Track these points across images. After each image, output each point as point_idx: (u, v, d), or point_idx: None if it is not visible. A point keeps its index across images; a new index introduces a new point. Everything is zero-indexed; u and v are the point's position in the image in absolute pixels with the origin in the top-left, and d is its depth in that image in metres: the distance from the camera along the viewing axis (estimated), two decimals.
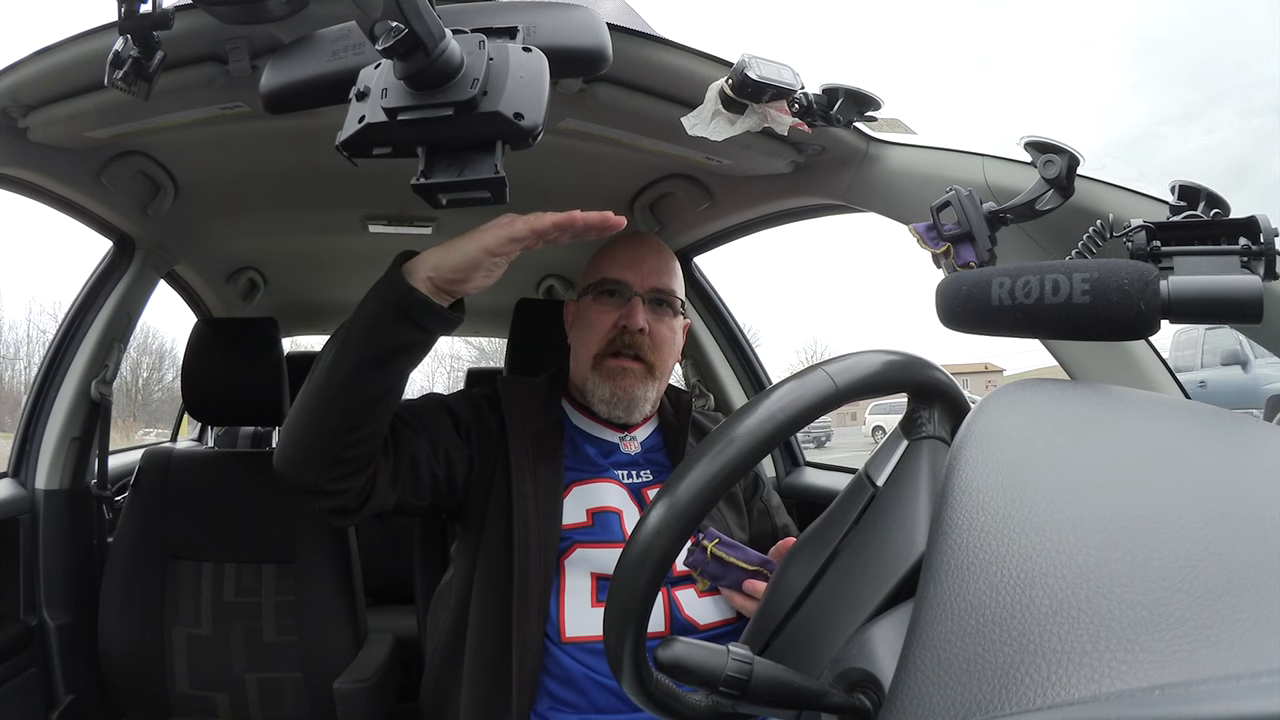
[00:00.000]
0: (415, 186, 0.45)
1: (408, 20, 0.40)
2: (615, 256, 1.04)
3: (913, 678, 0.32)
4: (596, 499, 0.97)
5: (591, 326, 1.02)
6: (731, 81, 0.71)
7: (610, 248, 1.06)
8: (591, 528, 0.95)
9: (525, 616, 0.89)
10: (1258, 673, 0.18)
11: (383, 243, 1.74)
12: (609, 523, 0.96)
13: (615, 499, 0.98)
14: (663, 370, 1.03)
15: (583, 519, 0.95)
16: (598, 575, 0.93)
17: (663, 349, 1.02)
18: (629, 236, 1.06)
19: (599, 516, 0.96)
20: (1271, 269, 0.47)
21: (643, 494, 1.00)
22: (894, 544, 0.48)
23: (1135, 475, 0.33)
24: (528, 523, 0.92)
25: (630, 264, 1.02)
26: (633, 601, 0.44)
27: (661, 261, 1.04)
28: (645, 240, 1.08)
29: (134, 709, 1.35)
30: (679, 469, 0.44)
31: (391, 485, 0.87)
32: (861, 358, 0.49)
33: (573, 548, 0.93)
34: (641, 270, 1.02)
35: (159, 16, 0.57)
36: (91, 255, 1.50)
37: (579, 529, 0.95)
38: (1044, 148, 0.66)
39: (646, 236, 1.11)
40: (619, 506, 0.97)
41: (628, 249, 1.04)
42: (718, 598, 0.95)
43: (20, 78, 0.91)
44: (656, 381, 1.02)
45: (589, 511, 0.96)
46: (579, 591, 0.92)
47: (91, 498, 1.46)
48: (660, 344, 1.01)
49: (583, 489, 0.98)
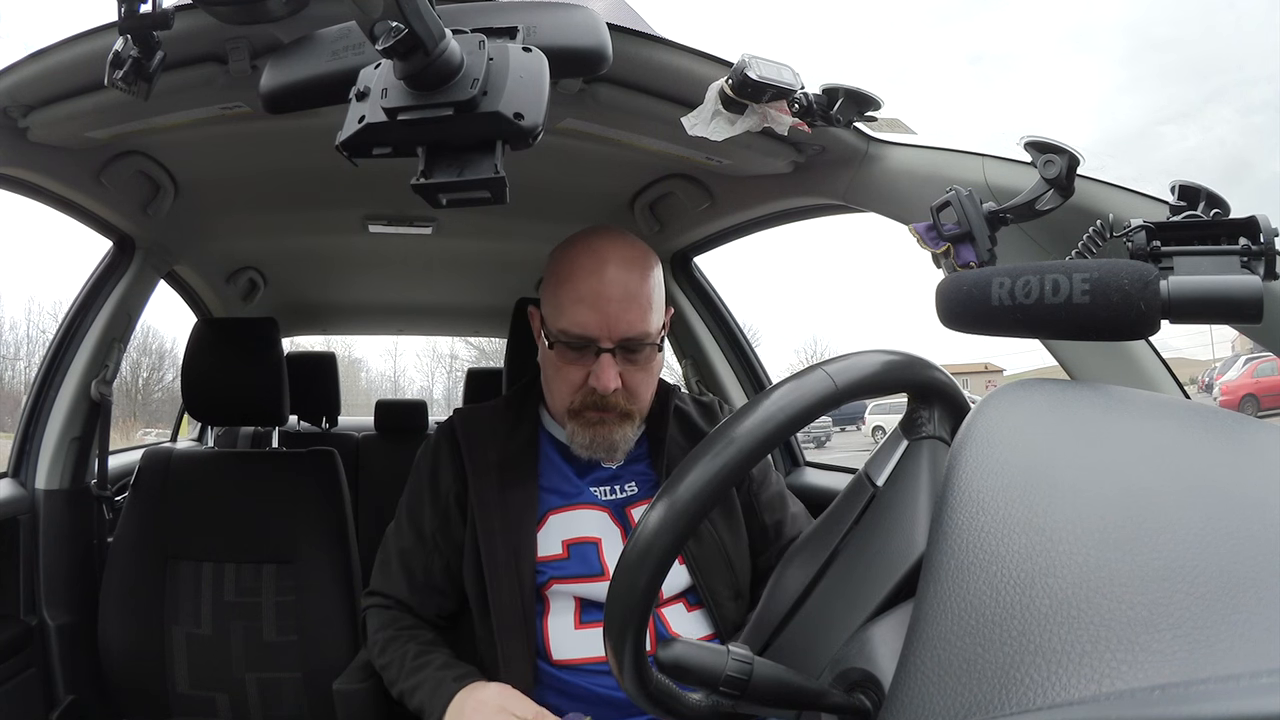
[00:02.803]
0: (415, 186, 0.45)
1: (408, 20, 0.40)
2: (578, 291, 0.89)
3: (913, 678, 0.32)
4: (573, 529, 0.94)
5: (560, 379, 0.92)
6: (731, 81, 0.71)
7: (570, 271, 0.91)
8: (568, 561, 0.92)
9: (507, 639, 0.90)
10: (1258, 673, 0.18)
11: (383, 243, 1.75)
12: (586, 554, 0.93)
13: (593, 527, 0.94)
14: (644, 407, 0.95)
15: (558, 551, 0.93)
16: (581, 599, 0.92)
17: (640, 393, 0.93)
18: (591, 253, 0.91)
19: (575, 549, 0.93)
20: (1271, 269, 0.47)
21: (625, 512, 0.96)
22: (894, 544, 0.48)
23: (1135, 475, 0.33)
24: (495, 559, 0.92)
25: (594, 304, 0.88)
26: (633, 602, 0.44)
27: (630, 295, 0.89)
28: (607, 261, 0.89)
29: (134, 709, 1.35)
30: (679, 469, 0.44)
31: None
32: (861, 358, 0.49)
33: (550, 582, 0.92)
34: (607, 314, 0.88)
35: (159, 16, 0.57)
36: (91, 255, 1.51)
37: (554, 562, 0.92)
38: (1044, 148, 0.66)
39: (609, 254, 0.90)
40: (597, 535, 0.93)
41: (590, 281, 0.89)
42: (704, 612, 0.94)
43: (20, 78, 0.91)
44: (638, 418, 0.95)
45: (565, 544, 0.93)
46: (562, 613, 0.92)
47: (91, 498, 1.46)
48: (636, 391, 0.92)
49: (559, 518, 0.94)
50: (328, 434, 2.65)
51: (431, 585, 0.99)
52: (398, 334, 5.03)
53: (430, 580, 0.99)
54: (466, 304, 2.52)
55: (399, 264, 2.03)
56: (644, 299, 0.90)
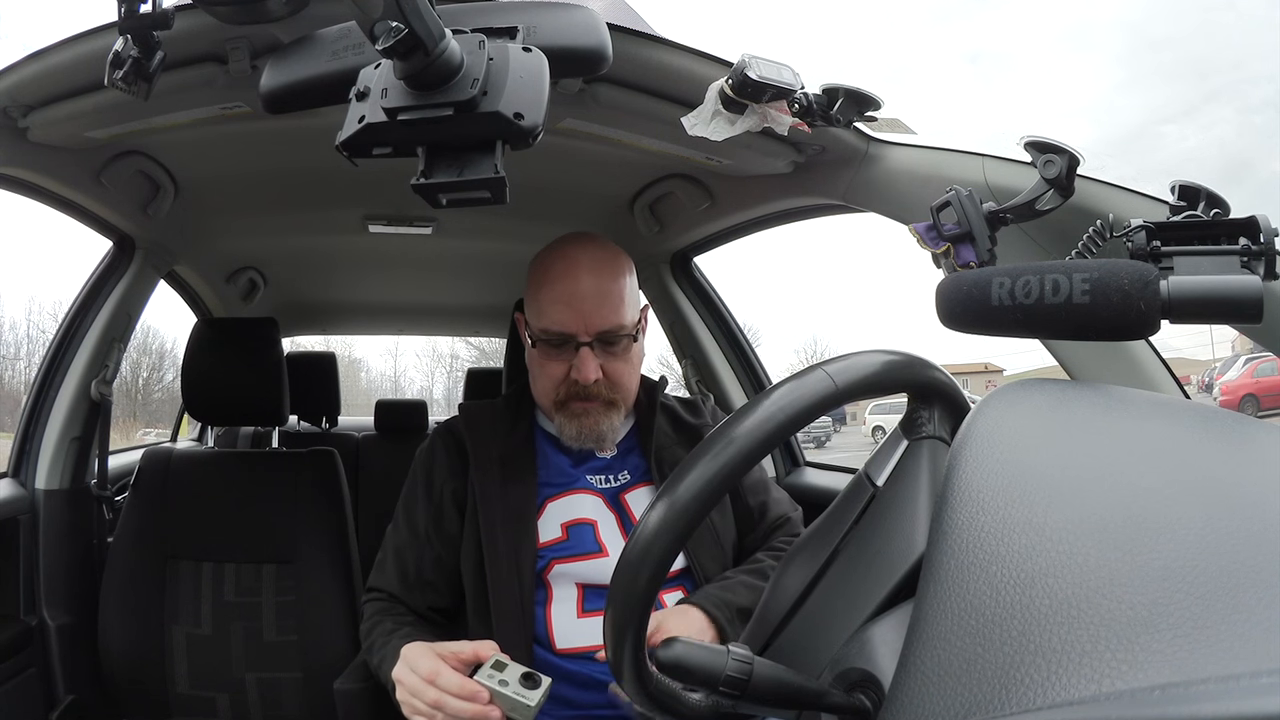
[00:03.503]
0: (415, 186, 0.45)
1: (408, 20, 0.40)
2: (554, 292, 0.95)
3: (913, 678, 0.32)
4: (570, 512, 0.97)
5: (544, 375, 0.98)
6: (731, 81, 0.71)
7: (546, 276, 0.97)
8: (567, 542, 0.96)
9: (504, 627, 0.92)
10: (1258, 673, 0.18)
11: (383, 243, 1.75)
12: (583, 534, 0.96)
13: (589, 510, 0.98)
14: (628, 396, 1.00)
15: (558, 534, 0.96)
16: (583, 585, 0.94)
17: (622, 382, 0.98)
18: (564, 257, 0.97)
19: (573, 530, 0.96)
20: (1271, 269, 0.47)
21: (620, 499, 0.99)
22: (894, 544, 0.48)
23: (1135, 475, 0.33)
24: (496, 549, 0.94)
25: (569, 303, 0.94)
26: (632, 602, 0.44)
27: (602, 293, 0.94)
28: (579, 264, 0.95)
29: (134, 709, 1.35)
30: (679, 469, 0.44)
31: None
32: (861, 358, 0.49)
33: (551, 564, 0.95)
34: (582, 311, 0.93)
35: (159, 16, 0.57)
36: (91, 255, 1.51)
37: (555, 545, 0.95)
38: (1044, 148, 0.66)
39: (581, 257, 0.96)
40: (593, 517, 0.97)
41: (564, 283, 0.95)
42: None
43: (20, 78, 0.91)
44: (623, 407, 0.99)
45: (563, 526, 0.97)
46: (565, 602, 0.94)
47: (91, 498, 1.46)
48: (618, 380, 0.97)
49: (557, 504, 0.98)
50: (328, 434, 2.65)
51: (423, 580, 1.01)
52: (398, 334, 5.04)
53: (421, 574, 1.01)
54: (466, 304, 2.52)
55: (399, 264, 2.03)
56: (616, 295, 0.96)
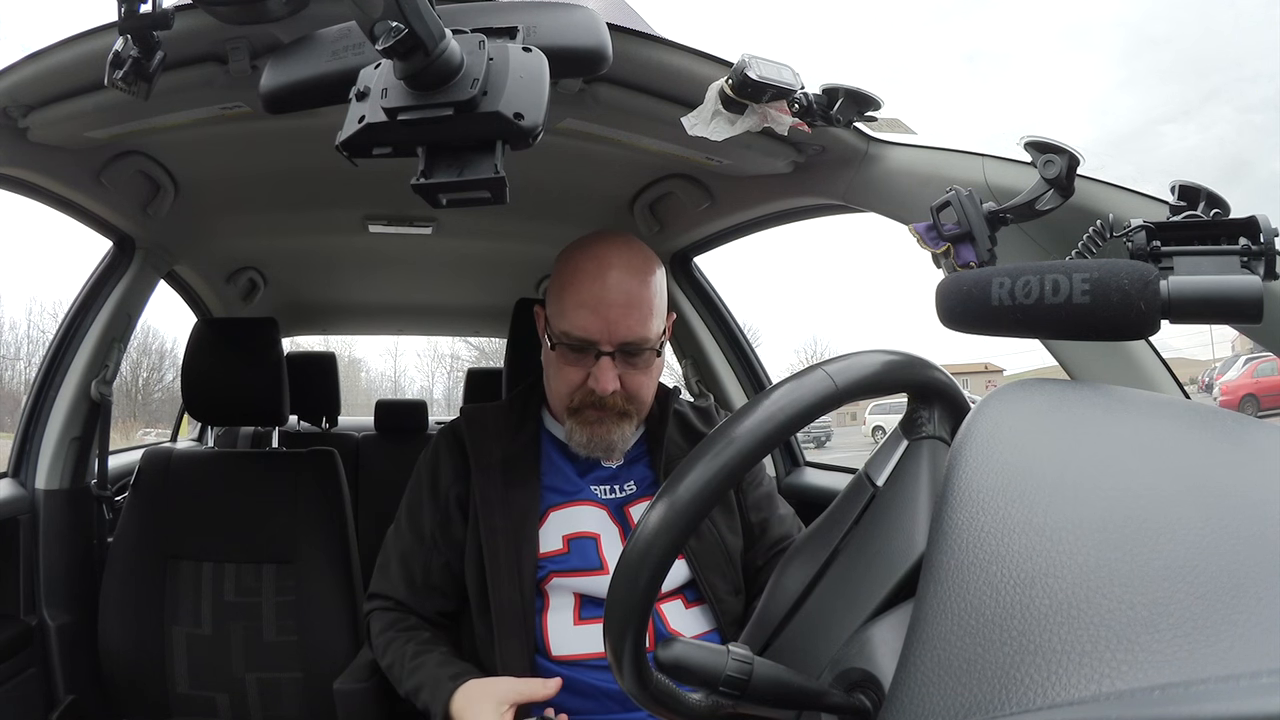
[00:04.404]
0: (415, 186, 0.45)
1: (408, 20, 0.40)
2: (580, 296, 0.91)
3: (913, 678, 0.32)
4: (573, 524, 0.95)
5: (560, 378, 0.94)
6: (731, 81, 0.71)
7: (574, 276, 0.93)
8: (568, 555, 0.94)
9: (505, 637, 0.91)
10: (1258, 673, 0.18)
11: (383, 243, 1.75)
12: (585, 549, 0.94)
13: (593, 523, 0.96)
14: (643, 409, 0.97)
15: (559, 546, 0.94)
16: (581, 595, 0.93)
17: (640, 394, 0.95)
18: (594, 258, 0.93)
19: (575, 543, 0.95)
20: (1271, 269, 0.47)
21: (624, 511, 0.97)
22: (894, 544, 0.48)
23: (1135, 475, 0.33)
24: (497, 556, 0.93)
25: (595, 309, 0.90)
26: (632, 602, 0.44)
27: (631, 302, 0.91)
28: (610, 267, 0.91)
29: (134, 709, 1.35)
30: (679, 469, 0.44)
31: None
32: (861, 358, 0.49)
33: (550, 576, 0.93)
34: (608, 319, 0.90)
35: (159, 16, 0.57)
36: (91, 255, 1.51)
37: (556, 557, 0.94)
38: (1044, 147, 0.66)
39: (612, 259, 0.92)
40: (596, 531, 0.95)
41: (592, 287, 0.91)
42: (704, 608, 0.95)
43: (20, 78, 0.91)
44: (636, 418, 0.97)
45: (565, 538, 0.95)
46: (562, 610, 0.93)
47: (91, 498, 1.46)
48: (636, 392, 0.94)
49: (560, 514, 0.96)
50: (328, 434, 2.65)
51: (430, 585, 1.00)
52: (398, 334, 5.03)
53: (429, 580, 1.00)
54: (466, 304, 2.52)
55: (399, 264, 2.03)
56: (645, 305, 0.92)
